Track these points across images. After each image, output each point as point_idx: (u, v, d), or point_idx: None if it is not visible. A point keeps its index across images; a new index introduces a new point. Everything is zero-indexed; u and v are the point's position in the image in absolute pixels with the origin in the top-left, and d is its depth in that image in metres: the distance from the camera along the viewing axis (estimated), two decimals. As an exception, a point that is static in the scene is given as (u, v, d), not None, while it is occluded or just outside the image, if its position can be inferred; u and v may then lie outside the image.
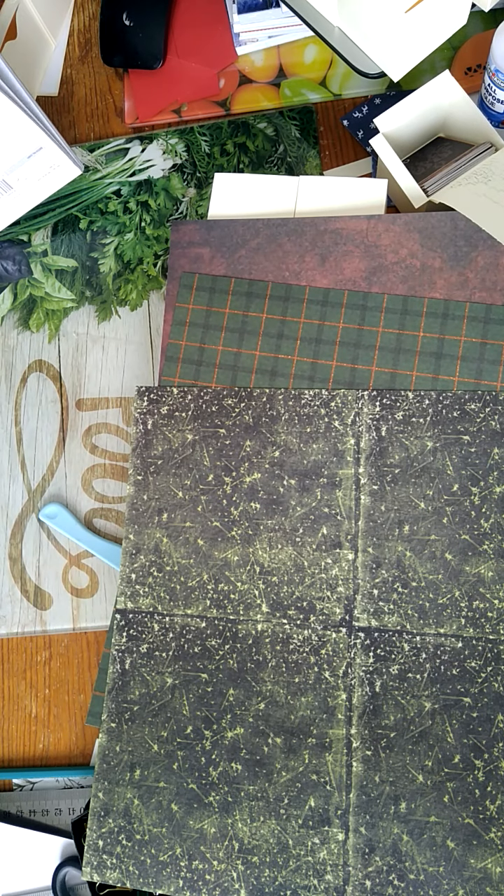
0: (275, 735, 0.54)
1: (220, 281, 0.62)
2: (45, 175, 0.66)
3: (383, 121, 0.61)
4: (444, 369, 0.57)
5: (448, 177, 0.60)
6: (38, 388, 0.70)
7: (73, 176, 0.66)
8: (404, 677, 0.53)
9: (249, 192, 0.63)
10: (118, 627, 0.58)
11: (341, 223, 0.60)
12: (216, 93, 0.72)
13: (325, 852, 0.52)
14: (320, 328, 0.59)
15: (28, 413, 0.70)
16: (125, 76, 0.74)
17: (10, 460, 0.70)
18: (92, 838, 0.55)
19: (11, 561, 0.68)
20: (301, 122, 0.70)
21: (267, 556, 0.57)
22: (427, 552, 0.54)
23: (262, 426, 0.58)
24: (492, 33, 0.69)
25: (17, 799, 0.63)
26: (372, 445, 0.56)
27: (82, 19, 0.77)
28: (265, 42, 0.72)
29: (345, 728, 0.53)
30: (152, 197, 0.71)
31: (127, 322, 0.70)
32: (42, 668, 0.65)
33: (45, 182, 0.67)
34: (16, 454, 0.70)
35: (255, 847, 0.53)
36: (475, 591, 0.53)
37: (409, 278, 0.58)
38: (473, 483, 0.55)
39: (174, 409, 0.60)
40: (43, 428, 0.70)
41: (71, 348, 0.71)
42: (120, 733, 0.57)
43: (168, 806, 0.55)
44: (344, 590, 0.55)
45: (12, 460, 0.70)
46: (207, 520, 0.58)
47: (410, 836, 0.51)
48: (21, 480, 0.69)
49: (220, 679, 0.56)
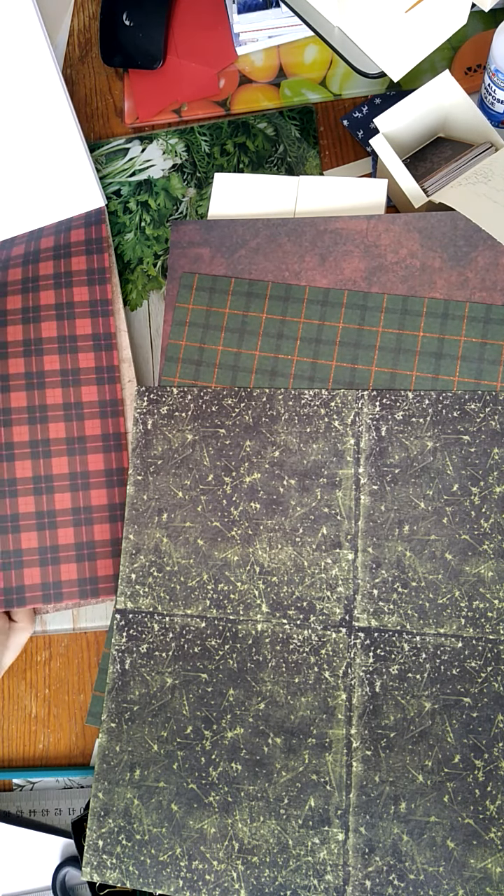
0: (275, 735, 0.54)
1: (220, 281, 0.62)
2: (71, 201, 0.69)
3: (383, 121, 0.61)
4: (444, 369, 0.57)
5: (448, 177, 0.60)
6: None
7: (95, 206, 0.69)
8: (404, 677, 0.53)
9: (249, 192, 0.63)
10: (118, 627, 0.58)
11: (341, 223, 0.60)
12: (216, 93, 0.72)
13: (325, 852, 0.52)
14: (320, 328, 0.59)
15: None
16: (125, 76, 0.74)
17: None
18: (92, 838, 0.55)
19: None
20: (301, 122, 0.70)
21: (267, 556, 0.57)
22: (427, 552, 0.54)
23: (262, 426, 0.58)
24: (492, 33, 0.69)
25: (17, 799, 0.63)
26: (372, 445, 0.56)
27: (82, 19, 0.77)
28: (265, 42, 0.72)
29: (345, 728, 0.53)
30: (152, 197, 0.71)
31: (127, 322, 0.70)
32: (42, 668, 0.65)
33: (67, 206, 0.69)
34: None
35: (255, 847, 0.53)
36: (475, 591, 0.53)
37: (409, 278, 0.58)
38: (473, 483, 0.55)
39: (174, 409, 0.60)
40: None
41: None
42: (120, 733, 0.57)
43: (168, 806, 0.55)
44: (344, 590, 0.55)
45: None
46: (207, 520, 0.58)
47: (410, 836, 0.51)
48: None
49: (220, 679, 0.56)
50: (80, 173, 0.68)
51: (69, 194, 0.68)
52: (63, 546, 0.60)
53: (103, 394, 0.61)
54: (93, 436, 0.60)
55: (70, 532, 0.60)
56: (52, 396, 0.61)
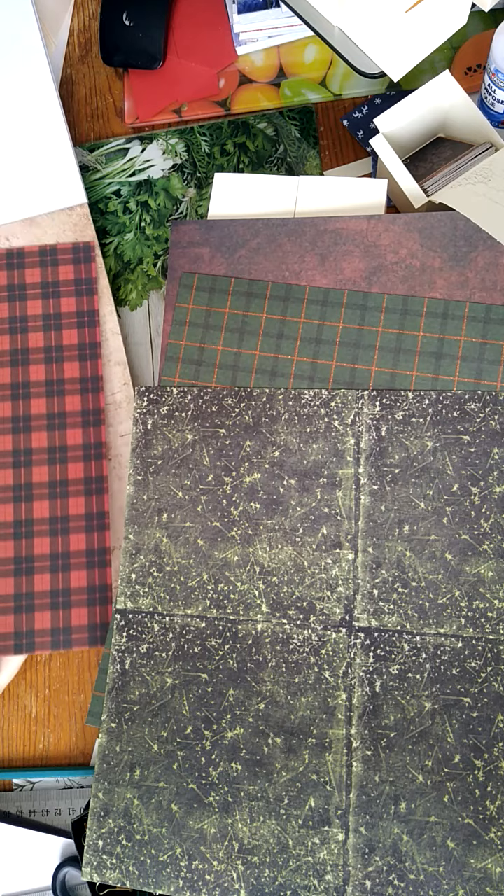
0: (275, 735, 0.54)
1: (220, 281, 0.62)
2: (52, 195, 0.70)
3: (383, 121, 0.61)
4: (444, 369, 0.57)
5: (448, 177, 0.60)
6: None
7: (77, 202, 0.69)
8: (404, 677, 0.53)
9: (249, 192, 0.63)
10: (118, 627, 0.58)
11: (341, 223, 0.60)
12: (216, 93, 0.72)
13: (325, 852, 0.52)
14: (320, 328, 0.59)
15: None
16: (125, 76, 0.74)
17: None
18: (92, 838, 0.55)
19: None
20: (301, 122, 0.70)
21: (267, 556, 0.57)
22: (427, 552, 0.54)
23: (262, 426, 0.58)
24: (492, 33, 0.69)
25: (17, 799, 0.63)
26: (372, 445, 0.56)
27: (82, 19, 0.77)
28: (265, 42, 0.72)
29: (345, 728, 0.53)
30: (152, 197, 0.71)
31: (127, 322, 0.70)
32: (42, 668, 0.65)
33: (47, 199, 0.70)
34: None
35: (255, 847, 0.53)
36: (475, 591, 0.53)
37: (409, 278, 0.58)
38: (473, 483, 0.55)
39: (174, 409, 0.60)
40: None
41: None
42: (120, 733, 0.57)
43: (168, 806, 0.55)
44: (344, 590, 0.55)
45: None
46: (207, 520, 0.58)
47: (410, 836, 0.51)
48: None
49: (220, 679, 0.56)
50: (63, 167, 0.69)
51: (51, 187, 0.69)
52: (39, 593, 0.60)
53: (87, 437, 0.61)
54: (75, 479, 0.61)
55: (46, 578, 0.60)
56: (37, 440, 0.61)
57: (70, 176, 0.69)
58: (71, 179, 0.68)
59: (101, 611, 0.59)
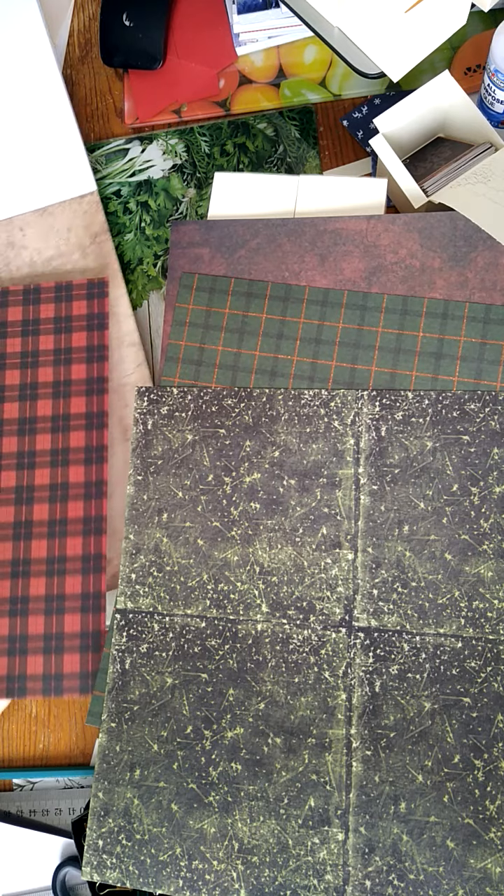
0: (275, 735, 0.54)
1: (220, 281, 0.62)
2: (63, 185, 0.71)
3: (383, 121, 0.61)
4: (443, 369, 0.57)
5: (448, 177, 0.60)
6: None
7: (88, 191, 0.70)
8: (404, 677, 0.53)
9: (249, 192, 0.63)
10: (118, 627, 0.58)
11: (341, 223, 0.60)
12: (216, 93, 0.72)
13: (324, 852, 0.52)
14: (320, 328, 0.59)
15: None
16: (125, 76, 0.74)
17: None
18: (92, 838, 0.55)
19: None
20: (301, 123, 0.70)
21: (267, 556, 0.57)
22: (427, 552, 0.54)
23: (262, 426, 0.58)
24: (492, 33, 0.69)
25: (17, 799, 0.63)
26: (372, 445, 0.56)
27: (82, 19, 0.77)
28: (265, 42, 0.72)
29: (345, 728, 0.53)
30: (152, 197, 0.71)
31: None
32: (42, 668, 0.65)
33: (59, 189, 0.71)
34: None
35: (254, 847, 0.53)
36: (475, 591, 0.53)
37: (409, 278, 0.58)
38: (473, 483, 0.55)
39: (174, 409, 0.60)
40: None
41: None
42: (120, 733, 0.57)
43: (168, 806, 0.55)
44: (344, 590, 0.55)
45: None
46: (207, 520, 0.58)
47: (410, 836, 0.51)
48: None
49: (220, 679, 0.56)
50: (73, 156, 0.70)
51: (62, 177, 0.70)
52: (32, 636, 0.59)
53: (90, 474, 0.61)
54: (75, 518, 0.61)
55: (41, 620, 0.60)
56: (40, 476, 0.61)
57: (80, 165, 0.70)
58: (81, 168, 0.70)
59: (94, 658, 0.59)
